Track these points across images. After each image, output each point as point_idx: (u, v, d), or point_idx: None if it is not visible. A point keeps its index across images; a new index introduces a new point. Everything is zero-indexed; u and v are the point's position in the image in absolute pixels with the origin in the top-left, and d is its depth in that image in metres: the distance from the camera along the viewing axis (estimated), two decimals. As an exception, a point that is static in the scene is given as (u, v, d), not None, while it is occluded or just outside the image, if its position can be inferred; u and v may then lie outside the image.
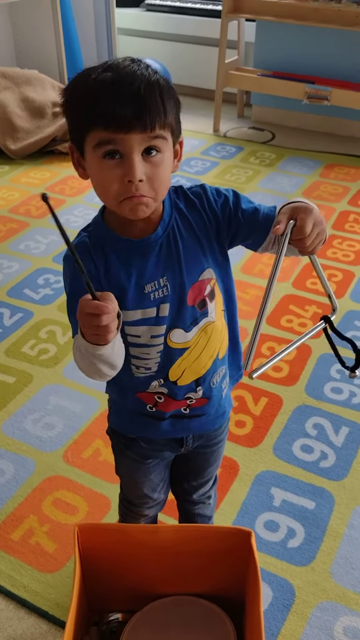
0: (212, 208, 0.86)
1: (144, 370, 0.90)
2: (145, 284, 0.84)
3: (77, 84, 0.76)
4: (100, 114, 0.72)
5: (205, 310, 0.88)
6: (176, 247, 0.84)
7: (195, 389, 0.93)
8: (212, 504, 1.20)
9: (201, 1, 3.87)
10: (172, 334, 0.87)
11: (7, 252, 2.35)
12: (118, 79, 0.72)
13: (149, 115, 0.72)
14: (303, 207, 0.76)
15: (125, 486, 1.11)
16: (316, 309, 2.02)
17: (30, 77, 3.22)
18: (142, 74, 0.73)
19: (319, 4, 2.96)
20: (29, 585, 1.23)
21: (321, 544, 1.32)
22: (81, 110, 0.75)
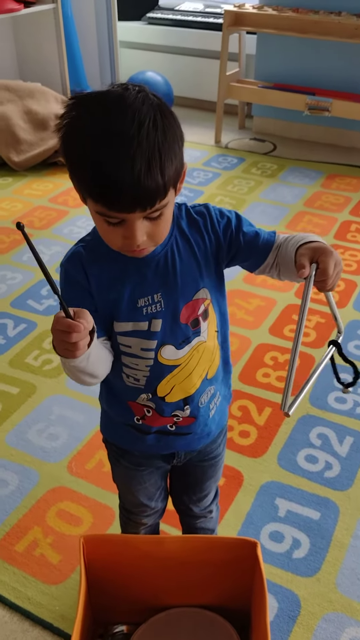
0: (215, 229, 0.87)
1: (133, 380, 0.91)
2: (139, 298, 0.84)
3: (73, 140, 0.72)
4: (100, 196, 0.71)
5: (198, 330, 0.88)
6: (173, 265, 0.84)
7: (182, 408, 0.93)
8: (215, 517, 1.19)
9: (202, 14, 3.91)
10: (163, 350, 0.87)
11: (10, 263, 2.36)
12: (116, 158, 0.68)
13: (149, 201, 0.72)
14: (322, 249, 0.79)
15: (122, 494, 1.12)
16: (319, 318, 2.03)
17: (34, 89, 3.25)
18: (142, 137, 0.68)
19: (320, 17, 2.99)
20: (33, 597, 1.23)
21: (326, 554, 1.31)
22: (80, 179, 0.73)
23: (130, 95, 0.71)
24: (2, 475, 1.48)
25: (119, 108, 0.70)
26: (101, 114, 0.70)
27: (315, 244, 0.80)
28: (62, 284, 0.86)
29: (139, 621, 1.08)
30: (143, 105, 0.70)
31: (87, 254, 0.84)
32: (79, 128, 0.72)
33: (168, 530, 1.32)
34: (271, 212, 2.72)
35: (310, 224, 2.62)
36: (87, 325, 0.73)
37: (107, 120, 0.70)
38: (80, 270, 0.84)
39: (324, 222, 2.63)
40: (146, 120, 0.69)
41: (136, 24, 4.02)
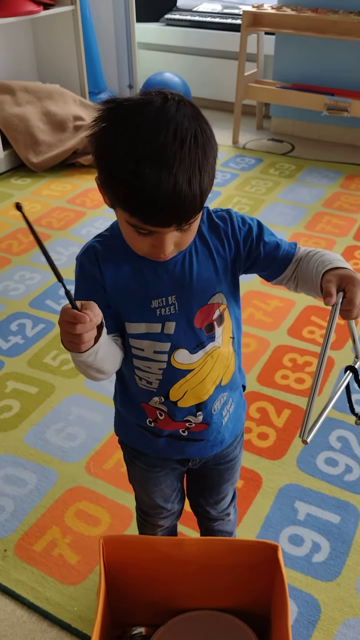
0: (235, 236, 0.85)
1: (146, 383, 0.90)
2: (153, 299, 0.83)
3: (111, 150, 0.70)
4: (136, 210, 0.70)
5: (212, 335, 0.87)
6: (190, 268, 0.83)
7: (195, 413, 0.92)
8: (233, 520, 1.18)
9: (220, 15, 3.90)
10: (177, 354, 0.86)
11: (29, 264, 2.37)
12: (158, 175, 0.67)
13: (185, 217, 0.71)
14: (350, 277, 0.78)
15: (138, 496, 1.11)
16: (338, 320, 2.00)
17: (52, 91, 3.27)
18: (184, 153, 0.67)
19: (339, 17, 2.97)
20: (52, 597, 1.23)
21: (347, 559, 1.29)
22: (116, 190, 0.72)
23: (171, 107, 0.69)
24: (21, 475, 1.49)
25: (161, 122, 0.68)
26: (143, 126, 0.69)
27: (343, 272, 0.79)
28: (77, 276, 0.86)
29: (158, 623, 1.07)
30: (184, 118, 0.69)
31: (103, 249, 0.84)
32: (118, 138, 0.69)
33: (186, 532, 1.31)
34: (289, 212, 2.70)
35: (329, 225, 2.59)
36: (92, 317, 0.71)
37: (149, 133, 0.68)
38: (94, 265, 0.83)
39: (343, 223, 2.60)
40: (188, 135, 0.68)
41: (154, 25, 4.02)
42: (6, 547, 1.32)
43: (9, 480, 1.47)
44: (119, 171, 0.69)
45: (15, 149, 3.11)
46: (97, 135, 0.72)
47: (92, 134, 0.73)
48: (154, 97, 0.70)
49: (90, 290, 0.84)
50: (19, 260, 2.40)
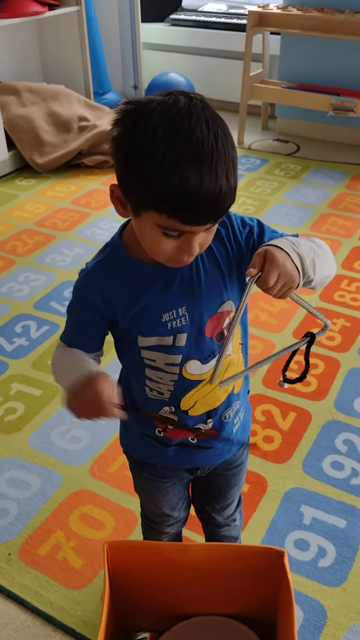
0: (237, 239, 0.84)
1: (157, 393, 0.89)
2: (163, 313, 0.82)
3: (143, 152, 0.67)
4: (176, 210, 0.68)
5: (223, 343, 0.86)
6: (198, 278, 0.82)
7: (205, 421, 0.91)
8: (239, 525, 1.17)
9: (226, 15, 3.89)
10: (188, 365, 0.85)
11: (33, 265, 2.37)
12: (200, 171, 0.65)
13: (223, 212, 0.71)
14: (272, 256, 0.72)
15: (144, 504, 1.10)
16: (344, 322, 1.99)
17: (57, 92, 3.26)
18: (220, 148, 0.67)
19: (345, 17, 2.95)
20: (55, 601, 1.22)
21: (353, 564, 1.28)
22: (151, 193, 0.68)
23: (197, 105, 0.68)
24: (25, 478, 1.48)
25: (193, 118, 0.67)
26: (176, 123, 0.66)
27: (271, 248, 0.74)
28: (73, 299, 0.86)
29: (162, 629, 1.07)
30: (212, 113, 0.69)
31: (102, 273, 0.82)
32: (150, 138, 0.66)
33: (191, 537, 1.30)
34: (295, 213, 2.69)
35: (335, 226, 2.58)
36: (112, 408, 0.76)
37: (185, 130, 0.66)
38: (93, 290, 0.82)
39: (349, 224, 2.59)
40: (219, 130, 0.68)
41: (159, 26, 4.02)
42: (10, 550, 1.32)
43: (13, 483, 1.47)
44: (157, 171, 0.66)
45: (20, 149, 3.11)
46: (122, 138, 0.69)
47: (115, 138, 0.70)
48: (176, 96, 0.69)
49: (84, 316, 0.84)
50: (24, 261, 2.40)
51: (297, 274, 0.74)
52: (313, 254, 0.79)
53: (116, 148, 0.71)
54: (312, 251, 0.79)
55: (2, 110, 3.05)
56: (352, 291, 2.15)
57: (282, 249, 0.74)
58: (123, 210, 0.75)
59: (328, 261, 0.83)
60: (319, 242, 0.84)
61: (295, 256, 0.75)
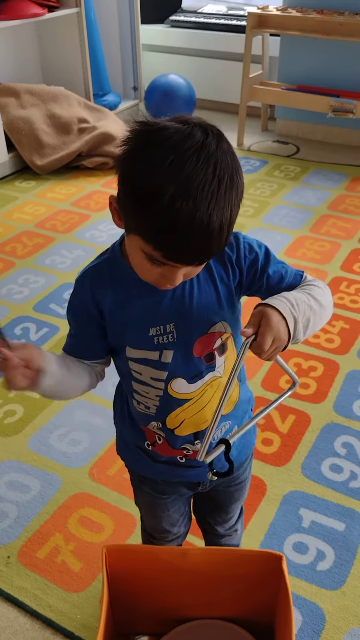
0: (240, 264, 0.82)
1: (144, 407, 0.88)
2: (150, 327, 0.80)
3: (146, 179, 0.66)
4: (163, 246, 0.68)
5: (213, 364, 0.84)
6: (190, 296, 0.80)
7: (192, 442, 0.90)
8: (239, 534, 1.17)
9: (225, 17, 3.89)
10: (174, 383, 0.83)
11: (33, 267, 2.37)
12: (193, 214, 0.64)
13: (210, 256, 0.71)
14: (268, 319, 0.73)
15: (144, 519, 1.10)
16: (343, 324, 1.99)
17: (57, 93, 3.27)
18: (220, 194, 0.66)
19: (345, 18, 2.95)
20: (54, 605, 1.22)
21: (352, 567, 1.28)
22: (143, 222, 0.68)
23: (212, 143, 0.66)
24: (24, 481, 1.48)
25: (202, 158, 0.65)
26: (183, 160, 0.64)
27: (268, 310, 0.74)
28: (70, 299, 0.86)
29: (161, 632, 1.07)
30: (224, 156, 0.67)
31: (99, 275, 0.82)
32: (154, 167, 0.65)
33: (191, 540, 1.30)
34: (295, 215, 2.69)
35: (335, 227, 2.58)
36: (14, 362, 0.74)
37: (189, 169, 0.64)
38: (88, 291, 0.82)
39: (348, 226, 2.59)
40: (225, 175, 0.66)
41: (159, 27, 4.02)
42: (9, 553, 1.32)
43: (12, 486, 1.47)
44: (151, 203, 0.65)
45: (19, 151, 3.11)
46: (129, 159, 0.68)
47: (122, 156, 0.69)
48: (193, 128, 0.66)
49: (79, 317, 0.84)
50: (23, 263, 2.40)
51: (287, 338, 0.75)
52: (310, 312, 0.79)
53: (121, 165, 0.69)
54: (309, 309, 0.79)
55: (2, 112, 3.05)
56: (352, 293, 2.15)
57: (279, 311, 0.74)
58: (119, 222, 0.75)
59: (325, 316, 0.83)
60: (319, 293, 0.82)
61: (290, 320, 0.75)
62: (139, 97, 3.92)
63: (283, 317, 0.74)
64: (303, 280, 0.86)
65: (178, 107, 3.62)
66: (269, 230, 2.57)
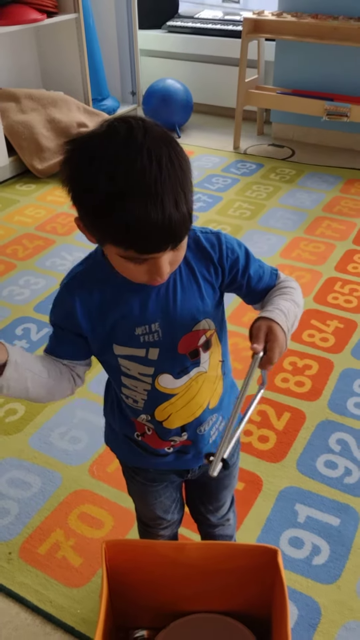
0: (222, 263, 0.84)
1: (132, 401, 0.90)
2: (136, 327, 0.82)
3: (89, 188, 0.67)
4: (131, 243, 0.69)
5: (197, 360, 0.86)
6: (174, 295, 0.82)
7: (180, 434, 0.92)
8: (233, 524, 1.19)
9: (222, 22, 3.93)
10: (160, 378, 0.86)
11: (34, 269, 2.40)
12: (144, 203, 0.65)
13: (179, 237, 0.71)
14: (275, 334, 0.79)
15: (138, 508, 1.12)
16: (338, 323, 2.02)
17: (56, 98, 3.30)
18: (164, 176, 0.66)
19: (339, 23, 2.99)
20: (55, 600, 1.25)
21: (347, 561, 1.31)
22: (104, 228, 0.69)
23: (138, 133, 0.67)
24: (25, 478, 1.51)
25: (132, 150, 0.66)
26: (116, 159, 0.66)
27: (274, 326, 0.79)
28: (54, 301, 0.86)
29: (160, 626, 1.09)
30: (154, 141, 0.67)
31: (83, 278, 0.83)
32: (93, 177, 0.67)
33: (187, 535, 1.33)
34: (290, 217, 2.72)
35: (329, 229, 2.61)
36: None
37: (124, 165, 0.65)
38: (72, 295, 0.83)
39: (343, 228, 2.62)
40: (162, 157, 0.66)
41: (156, 33, 4.06)
42: (11, 550, 1.34)
43: (14, 483, 1.50)
44: (104, 211, 0.67)
45: (20, 155, 3.14)
46: (70, 178, 0.70)
47: (64, 179, 0.70)
48: (117, 126, 0.68)
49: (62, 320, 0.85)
50: (24, 265, 2.43)
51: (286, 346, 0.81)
52: (294, 319, 0.85)
53: (67, 188, 0.71)
54: (294, 317, 0.85)
55: (2, 117, 3.08)
56: (346, 293, 2.18)
57: (281, 326, 0.80)
58: (91, 238, 0.75)
59: (299, 317, 0.89)
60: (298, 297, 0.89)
61: (288, 333, 0.81)
62: (137, 101, 3.95)
63: (283, 330, 0.81)
64: (277, 278, 0.91)
65: (175, 111, 3.66)
66: (265, 232, 2.60)
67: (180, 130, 3.74)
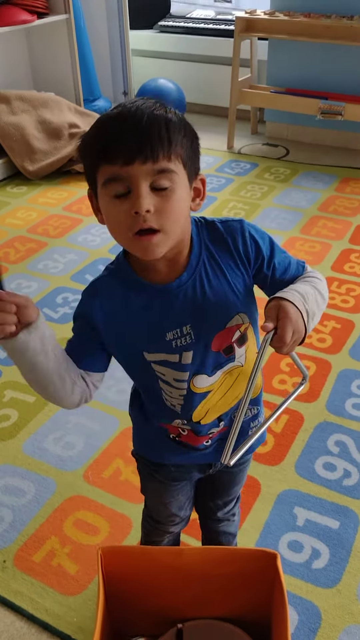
0: (247, 251, 0.81)
1: (170, 405, 0.89)
2: (167, 332, 0.80)
3: (90, 128, 0.75)
4: (103, 148, 0.71)
5: (232, 356, 0.84)
6: (202, 294, 0.79)
7: (218, 425, 0.92)
8: (237, 521, 1.18)
9: (214, 21, 3.92)
10: (196, 380, 0.84)
11: (26, 272, 2.37)
12: (122, 114, 0.71)
13: (150, 145, 0.69)
14: (286, 311, 0.74)
15: (151, 506, 1.11)
16: (335, 324, 2.01)
17: (47, 99, 3.28)
18: (149, 107, 0.71)
19: (331, 21, 2.98)
20: (51, 608, 1.22)
21: (347, 565, 1.29)
22: (89, 149, 0.74)
23: (147, 101, 0.73)
24: (19, 485, 1.48)
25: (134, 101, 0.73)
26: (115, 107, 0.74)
27: (284, 303, 0.75)
28: (76, 310, 0.86)
29: (158, 633, 1.07)
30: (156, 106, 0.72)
31: (107, 285, 0.82)
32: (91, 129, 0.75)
33: (187, 541, 1.31)
34: (285, 217, 2.71)
35: (325, 229, 2.60)
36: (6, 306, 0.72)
37: (119, 105, 0.74)
38: (93, 304, 0.82)
39: (338, 227, 2.61)
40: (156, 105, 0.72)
41: (148, 33, 4.04)
42: (5, 558, 1.32)
43: (8, 490, 1.47)
44: (90, 132, 0.74)
45: (11, 157, 3.12)
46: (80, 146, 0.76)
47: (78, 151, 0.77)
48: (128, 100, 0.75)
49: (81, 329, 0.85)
50: (16, 268, 2.40)
51: (304, 331, 0.76)
52: (315, 306, 0.79)
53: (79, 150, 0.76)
54: (315, 303, 0.80)
55: (-7, 118, 3.06)
56: (342, 293, 2.17)
57: (294, 304, 0.75)
58: (98, 213, 0.77)
59: (323, 309, 0.84)
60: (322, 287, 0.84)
61: (305, 313, 0.76)
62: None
63: (298, 309, 0.75)
64: (305, 270, 0.87)
65: (168, 111, 3.64)
66: (260, 232, 2.58)
67: (173, 130, 3.72)
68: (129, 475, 1.49)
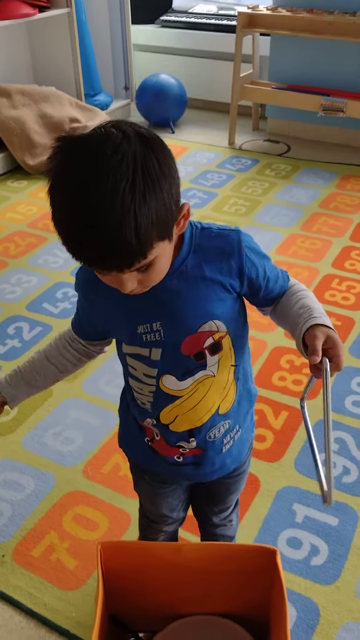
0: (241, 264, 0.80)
1: (141, 403, 0.89)
2: (139, 325, 0.81)
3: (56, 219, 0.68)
4: (79, 257, 0.69)
5: (203, 363, 0.83)
6: (178, 295, 0.79)
7: (188, 440, 0.90)
8: (235, 525, 1.18)
9: (216, 17, 3.90)
10: (164, 379, 0.84)
11: (25, 267, 2.37)
12: (84, 225, 0.64)
13: (124, 263, 0.67)
14: (334, 340, 0.77)
15: (144, 504, 1.11)
16: (335, 321, 2.00)
17: (48, 93, 3.26)
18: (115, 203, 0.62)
19: (334, 17, 2.97)
20: (49, 603, 1.22)
21: (345, 561, 1.29)
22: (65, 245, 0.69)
23: (108, 147, 0.63)
24: (19, 479, 1.48)
25: (94, 169, 0.63)
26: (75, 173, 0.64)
27: (329, 332, 0.78)
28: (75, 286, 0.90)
29: (156, 629, 1.07)
30: (122, 161, 0.63)
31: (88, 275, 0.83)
32: (55, 191, 0.67)
33: (186, 537, 1.31)
34: (286, 213, 2.70)
35: (326, 226, 2.59)
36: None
37: (79, 182, 0.64)
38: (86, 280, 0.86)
39: (339, 224, 2.60)
40: (122, 182, 0.62)
41: (150, 27, 4.02)
42: (4, 552, 1.32)
43: (7, 485, 1.47)
44: (55, 219, 0.68)
45: (11, 151, 3.10)
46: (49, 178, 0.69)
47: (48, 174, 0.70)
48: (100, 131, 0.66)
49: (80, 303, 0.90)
50: (16, 263, 2.40)
51: None
52: None
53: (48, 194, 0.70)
54: None
55: (-7, 112, 3.04)
56: (343, 290, 2.17)
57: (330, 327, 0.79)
58: None
59: None
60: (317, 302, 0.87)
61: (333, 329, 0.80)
62: (130, 96, 3.92)
63: (332, 329, 0.80)
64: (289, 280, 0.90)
65: (169, 106, 3.63)
66: (261, 229, 2.58)
67: (174, 125, 3.71)
68: (128, 470, 1.47)
